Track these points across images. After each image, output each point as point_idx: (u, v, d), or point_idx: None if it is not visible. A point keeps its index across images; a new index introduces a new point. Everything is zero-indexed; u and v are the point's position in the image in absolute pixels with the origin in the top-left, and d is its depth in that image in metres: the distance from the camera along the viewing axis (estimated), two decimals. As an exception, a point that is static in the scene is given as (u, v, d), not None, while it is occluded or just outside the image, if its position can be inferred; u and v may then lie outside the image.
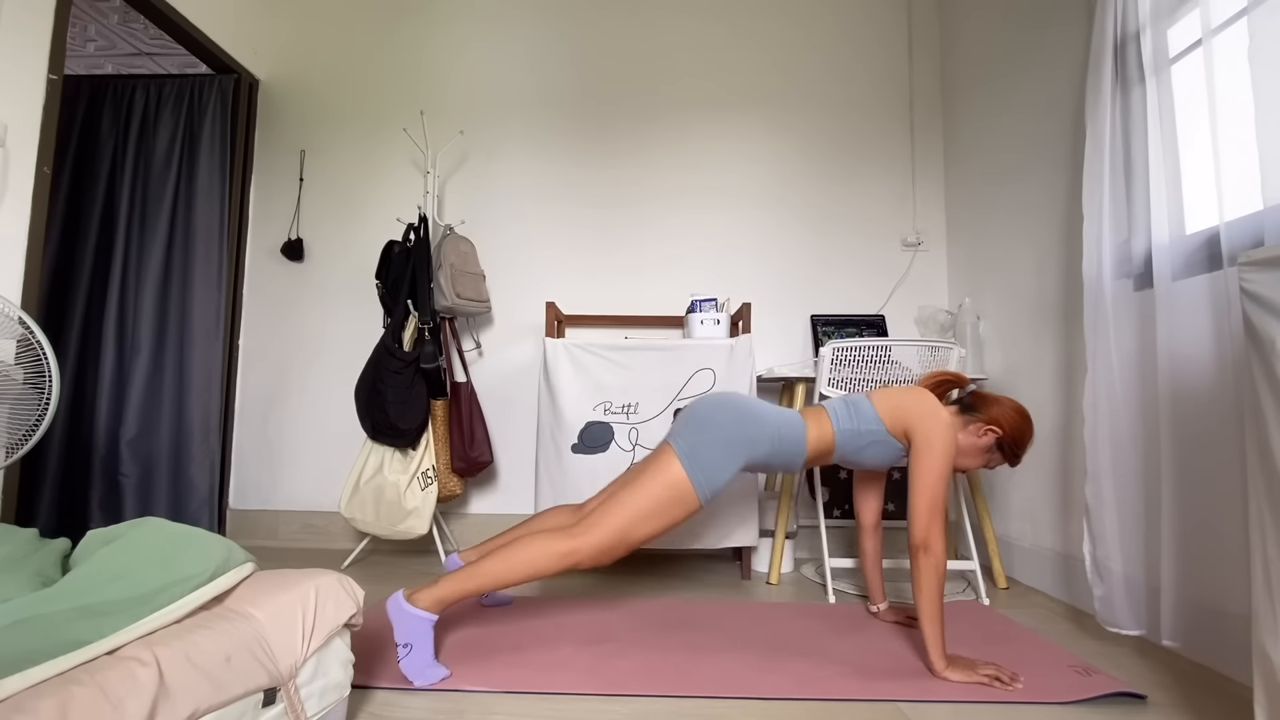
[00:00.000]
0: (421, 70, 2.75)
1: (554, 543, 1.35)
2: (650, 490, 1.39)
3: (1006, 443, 1.47)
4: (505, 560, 1.33)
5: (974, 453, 1.49)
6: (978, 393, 1.55)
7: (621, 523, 1.37)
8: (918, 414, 1.44)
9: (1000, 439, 1.47)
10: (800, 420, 1.52)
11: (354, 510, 2.17)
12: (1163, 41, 1.50)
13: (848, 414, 1.50)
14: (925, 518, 1.34)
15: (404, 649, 1.27)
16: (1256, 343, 0.92)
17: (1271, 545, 0.89)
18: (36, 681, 0.66)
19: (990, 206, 2.34)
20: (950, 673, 1.30)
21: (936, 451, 1.38)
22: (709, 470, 1.41)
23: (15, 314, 1.48)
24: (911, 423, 1.44)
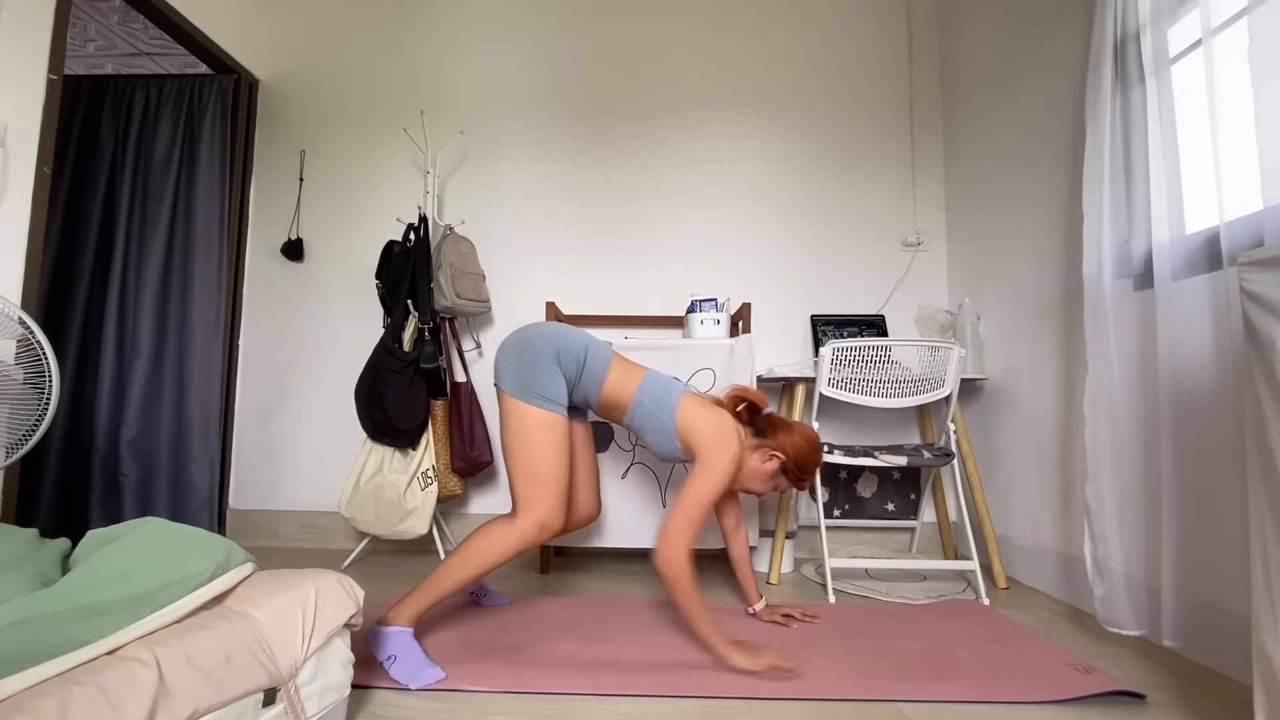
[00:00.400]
0: (421, 70, 2.75)
1: (498, 526, 1.40)
2: (520, 440, 1.43)
3: (790, 468, 1.51)
4: (462, 556, 1.39)
5: (761, 477, 1.53)
6: (771, 417, 1.58)
7: (529, 482, 1.41)
8: (707, 439, 1.45)
9: (784, 464, 1.51)
10: (609, 357, 1.55)
11: (354, 510, 2.17)
12: (1163, 41, 1.50)
13: (657, 390, 1.52)
14: (674, 536, 1.35)
15: (389, 660, 1.29)
16: (1256, 343, 0.92)
17: (1271, 545, 0.89)
18: (36, 681, 0.66)
19: (990, 206, 2.34)
20: (737, 659, 1.32)
21: (714, 476, 1.40)
22: (540, 385, 1.44)
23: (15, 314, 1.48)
24: (696, 442, 1.46)
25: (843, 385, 1.99)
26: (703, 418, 1.48)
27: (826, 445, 2.00)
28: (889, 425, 2.54)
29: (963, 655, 1.44)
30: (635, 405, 1.52)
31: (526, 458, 1.42)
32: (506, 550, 1.39)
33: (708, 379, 2.10)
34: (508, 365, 1.48)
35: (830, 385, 1.99)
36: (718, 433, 1.45)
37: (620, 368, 1.55)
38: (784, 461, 1.50)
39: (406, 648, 1.31)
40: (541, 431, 1.43)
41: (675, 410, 1.49)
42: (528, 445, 1.43)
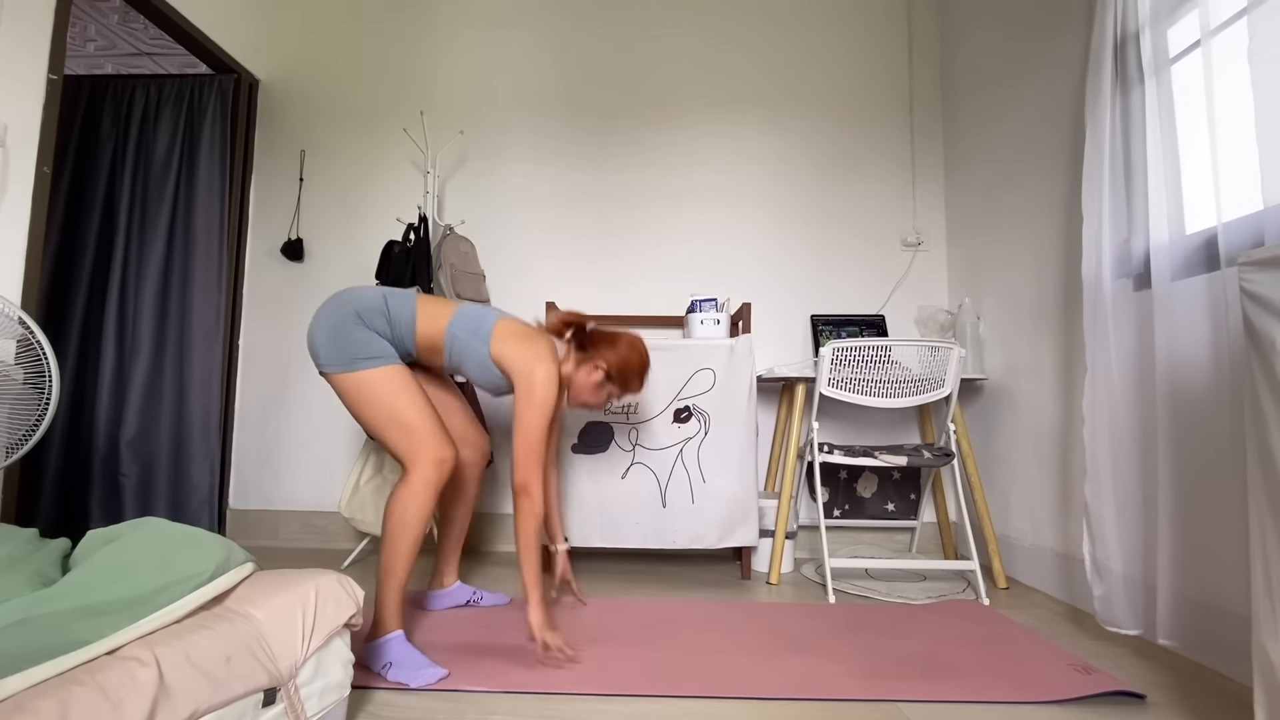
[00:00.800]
0: (421, 70, 2.75)
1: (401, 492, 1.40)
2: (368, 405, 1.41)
3: (614, 374, 1.59)
4: (389, 539, 1.39)
5: (590, 389, 1.61)
6: (594, 332, 1.64)
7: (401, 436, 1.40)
8: (521, 362, 1.46)
9: (606, 372, 1.59)
10: (413, 300, 1.51)
11: (354, 510, 2.17)
12: (1162, 42, 1.50)
13: (471, 322, 1.51)
14: (523, 462, 1.41)
15: (384, 668, 1.29)
16: (1256, 343, 0.92)
17: (1271, 545, 0.89)
18: (36, 681, 0.66)
19: (990, 207, 2.34)
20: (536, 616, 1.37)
21: (535, 401, 1.43)
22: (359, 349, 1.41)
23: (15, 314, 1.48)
24: (511, 366, 1.47)
25: (843, 385, 1.99)
26: (515, 343, 1.49)
27: (826, 445, 2.01)
28: (889, 425, 2.54)
29: (963, 655, 1.44)
30: (450, 339, 1.50)
31: (385, 415, 1.40)
32: (423, 504, 1.38)
33: (708, 379, 2.10)
34: (322, 345, 1.43)
35: (830, 385, 1.99)
36: (530, 354, 1.46)
37: (428, 306, 1.52)
38: (606, 369, 1.58)
39: (401, 653, 1.31)
40: (382, 386, 1.41)
41: (489, 337, 1.49)
42: (380, 405, 1.40)
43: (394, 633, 1.34)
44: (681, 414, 2.10)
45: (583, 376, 1.59)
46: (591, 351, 1.60)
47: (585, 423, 2.09)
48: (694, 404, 2.10)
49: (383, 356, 1.43)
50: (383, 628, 1.35)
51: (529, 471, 1.40)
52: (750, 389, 2.08)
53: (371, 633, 1.36)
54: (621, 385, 1.62)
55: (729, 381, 2.09)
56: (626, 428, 2.10)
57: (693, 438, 2.09)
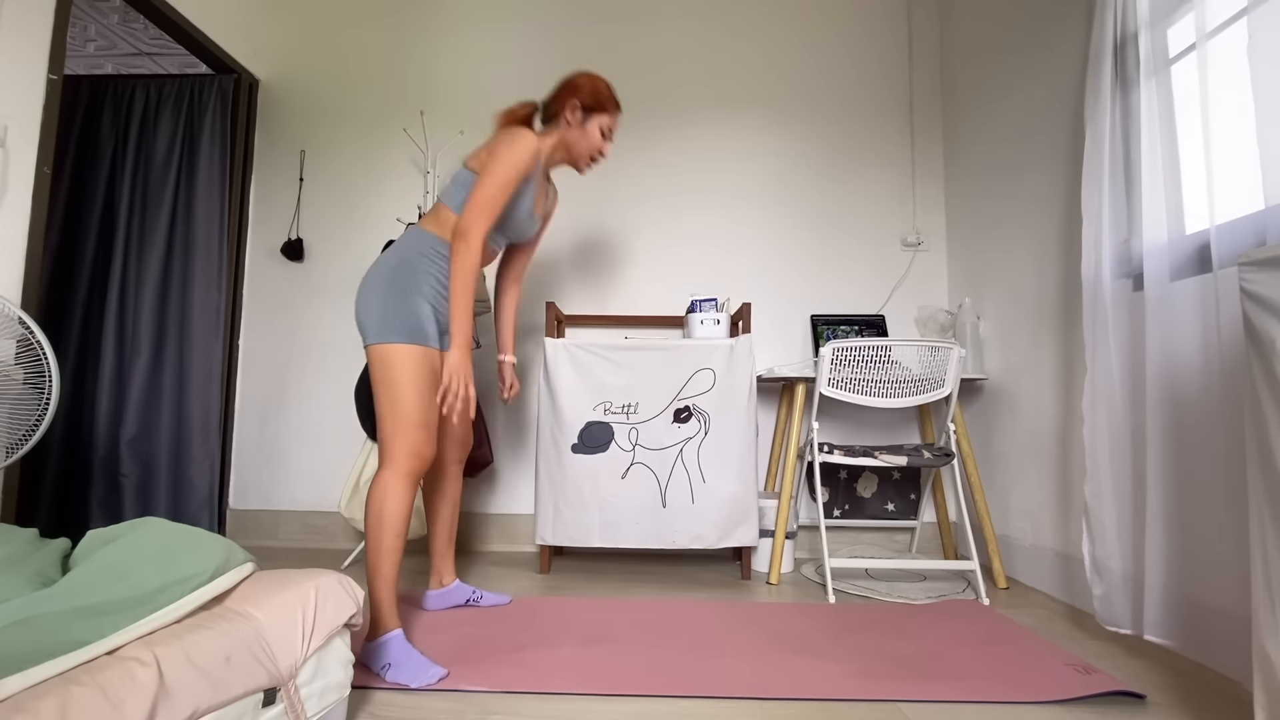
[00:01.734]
0: (421, 70, 2.75)
1: (377, 486, 1.38)
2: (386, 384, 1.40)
3: (589, 103, 1.59)
4: (371, 538, 1.37)
5: (581, 138, 1.61)
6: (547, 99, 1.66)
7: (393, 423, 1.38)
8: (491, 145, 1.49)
9: (583, 105, 1.59)
10: (422, 231, 1.52)
11: (354, 510, 2.17)
12: (1162, 42, 1.50)
13: (455, 190, 1.53)
14: (473, 211, 1.41)
15: (383, 669, 1.28)
16: (1256, 343, 0.92)
17: (1271, 545, 0.89)
18: (36, 681, 0.66)
19: (990, 206, 2.34)
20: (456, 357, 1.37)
21: (498, 157, 1.44)
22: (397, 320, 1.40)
23: (15, 314, 1.48)
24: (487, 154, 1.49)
25: (843, 385, 1.99)
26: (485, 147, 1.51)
27: (826, 445, 2.01)
28: (889, 425, 2.54)
29: (963, 655, 1.44)
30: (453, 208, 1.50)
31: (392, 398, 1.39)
32: (399, 496, 1.37)
33: (708, 379, 2.10)
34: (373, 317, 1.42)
35: (830, 385, 1.99)
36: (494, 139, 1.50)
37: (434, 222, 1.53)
38: (581, 102, 1.58)
39: (400, 653, 1.30)
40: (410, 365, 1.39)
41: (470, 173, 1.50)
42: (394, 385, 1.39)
43: (393, 632, 1.34)
44: (681, 414, 2.10)
45: (569, 132, 1.60)
46: (556, 106, 1.61)
47: (585, 423, 2.09)
48: (694, 404, 2.10)
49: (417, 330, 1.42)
50: (380, 627, 1.34)
51: (475, 219, 1.40)
52: (750, 389, 2.08)
53: (370, 633, 1.35)
54: (603, 108, 1.60)
55: (729, 381, 2.09)
56: (626, 427, 2.10)
57: (693, 438, 2.09)
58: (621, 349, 2.11)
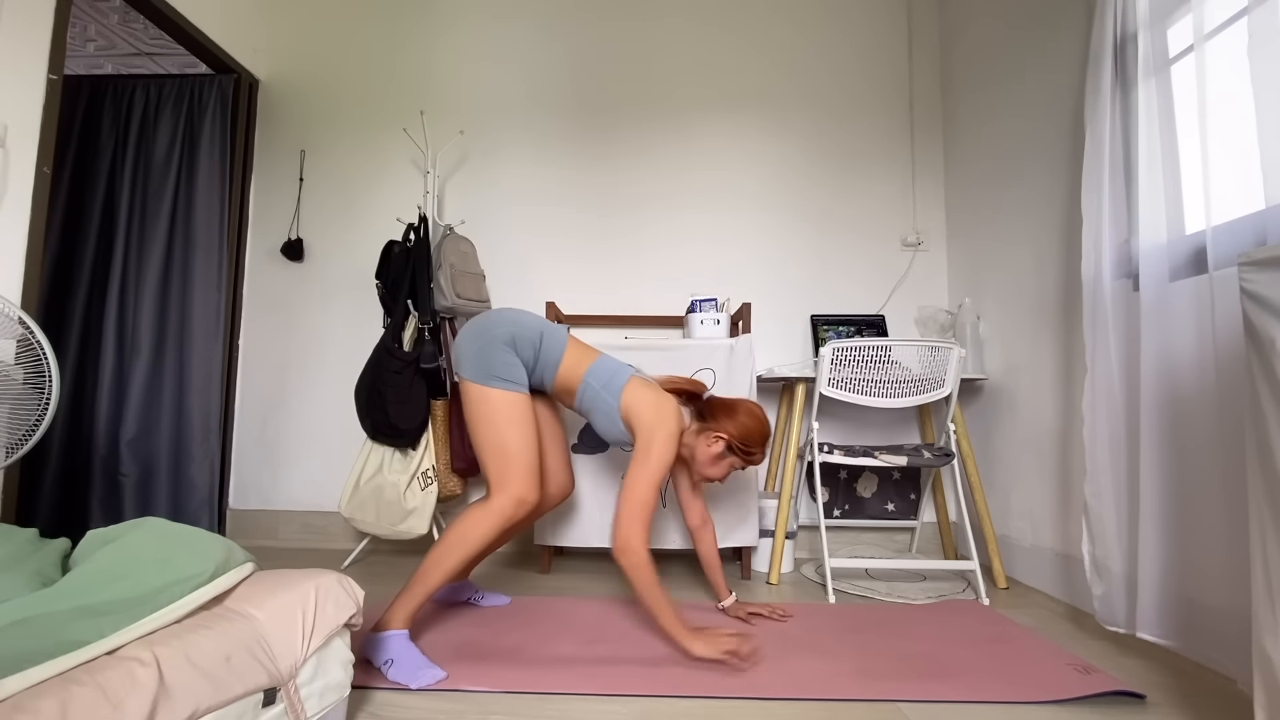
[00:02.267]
0: (421, 70, 2.75)
1: (475, 511, 1.41)
2: (484, 422, 1.44)
3: (735, 445, 1.53)
4: (444, 546, 1.39)
5: (710, 461, 1.55)
6: (710, 400, 1.60)
7: (499, 461, 1.43)
8: (646, 421, 1.46)
9: (728, 443, 1.52)
10: (565, 342, 1.55)
11: (354, 510, 2.17)
12: (1162, 42, 1.50)
13: (606, 374, 1.53)
14: (627, 521, 1.38)
15: (385, 665, 1.29)
16: (1256, 343, 0.92)
17: (1271, 545, 0.89)
18: (36, 681, 0.66)
19: (990, 206, 2.34)
20: (696, 648, 1.33)
21: (652, 460, 1.41)
22: (497, 367, 1.45)
23: (15, 314, 1.48)
24: (636, 424, 1.48)
25: (843, 385, 1.99)
26: (645, 398, 1.49)
27: (826, 445, 2.01)
28: (889, 425, 2.54)
29: (963, 655, 1.44)
30: (584, 387, 1.53)
31: (494, 438, 1.44)
32: (488, 531, 1.40)
33: (708, 379, 2.10)
34: (467, 353, 1.48)
35: (830, 385, 1.99)
36: (656, 412, 1.46)
37: (575, 352, 1.56)
38: (728, 441, 1.52)
39: (403, 651, 1.31)
40: (504, 410, 1.44)
41: (620, 392, 1.50)
42: (493, 426, 1.44)
43: (400, 631, 1.34)
44: (681, 414, 2.10)
45: (703, 447, 1.54)
46: (710, 421, 1.54)
47: (585, 423, 2.09)
48: (694, 404, 2.10)
49: (517, 384, 1.47)
50: (391, 623, 1.34)
51: (631, 530, 1.37)
52: (750, 389, 2.08)
53: (378, 624, 1.35)
54: (744, 456, 1.54)
55: (729, 381, 2.08)
56: (626, 428, 2.10)
57: (693, 438, 2.09)
58: (622, 349, 2.11)
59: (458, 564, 1.40)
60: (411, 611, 1.36)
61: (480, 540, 1.40)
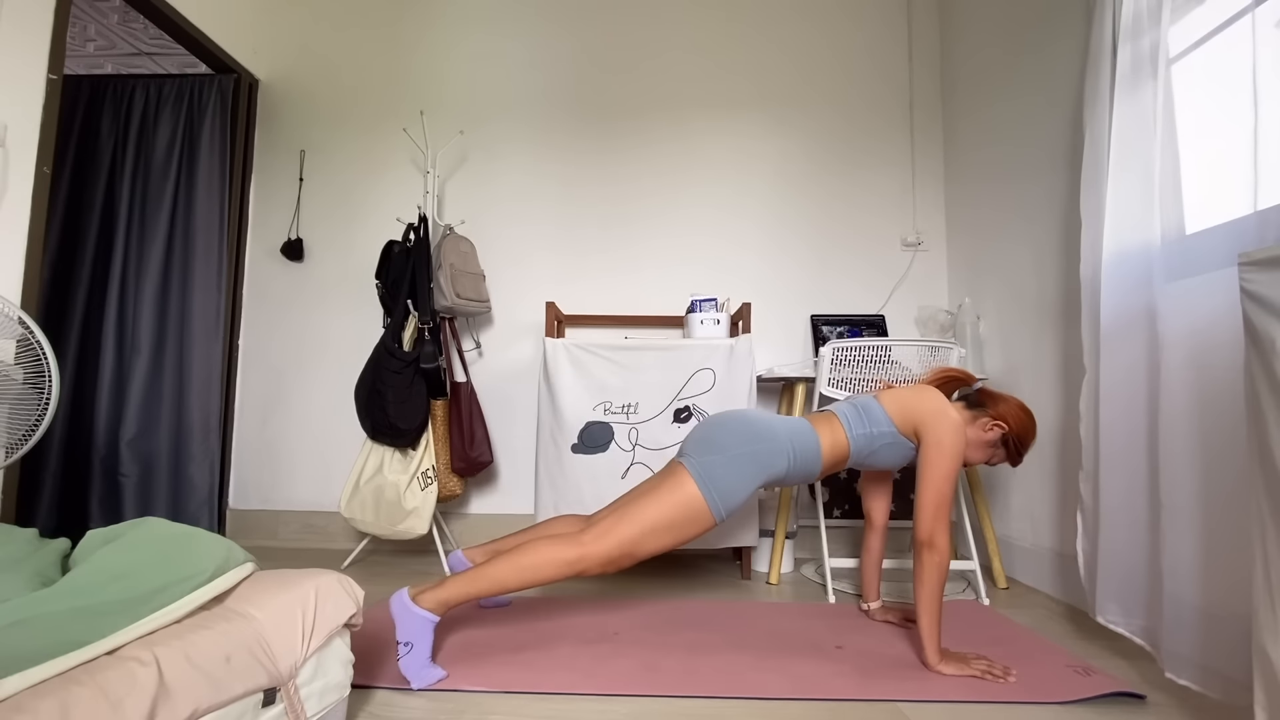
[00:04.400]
0: (421, 70, 2.75)
1: (561, 549, 1.34)
2: (664, 507, 1.38)
3: (1012, 439, 1.50)
4: (512, 564, 1.33)
5: (979, 446, 1.52)
6: (985, 390, 1.58)
7: (633, 535, 1.36)
8: (928, 412, 1.45)
9: (1006, 434, 1.50)
10: (812, 430, 1.50)
11: (354, 510, 2.17)
12: (1162, 42, 1.49)
13: (859, 418, 1.51)
14: (931, 515, 1.36)
15: (404, 647, 1.26)
16: (1256, 343, 0.92)
17: (1271, 545, 0.89)
18: (36, 681, 0.66)
19: (990, 206, 2.34)
20: (944, 667, 1.33)
21: (946, 450, 1.39)
22: (725, 490, 1.40)
23: (15, 314, 1.48)
24: (922, 421, 1.45)
25: (843, 385, 1.99)
26: (913, 400, 1.48)
27: (826, 445, 2.00)
28: (889, 425, 2.54)
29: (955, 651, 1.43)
30: (854, 444, 1.49)
31: (654, 519, 1.37)
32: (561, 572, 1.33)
33: (708, 379, 2.10)
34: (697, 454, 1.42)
35: (830, 385, 1.98)
36: (936, 408, 1.45)
37: (825, 430, 1.50)
38: (1006, 431, 1.49)
39: (424, 641, 1.27)
40: (689, 521, 1.38)
41: (886, 415, 1.48)
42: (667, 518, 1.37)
43: (435, 616, 1.29)
44: (681, 414, 2.10)
45: (976, 432, 1.51)
46: (989, 408, 1.52)
47: (585, 423, 2.09)
48: (694, 404, 2.10)
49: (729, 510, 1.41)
50: (430, 602, 1.29)
51: (937, 523, 1.35)
52: (750, 389, 2.07)
53: (422, 596, 1.29)
54: (1015, 452, 1.52)
55: (729, 381, 2.08)
56: (626, 427, 2.10)
57: (693, 438, 2.09)
58: (621, 349, 2.11)
59: (518, 587, 1.33)
60: (452, 603, 1.31)
61: (549, 578, 1.33)
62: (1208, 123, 1.32)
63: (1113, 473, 1.49)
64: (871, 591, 1.73)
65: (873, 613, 1.71)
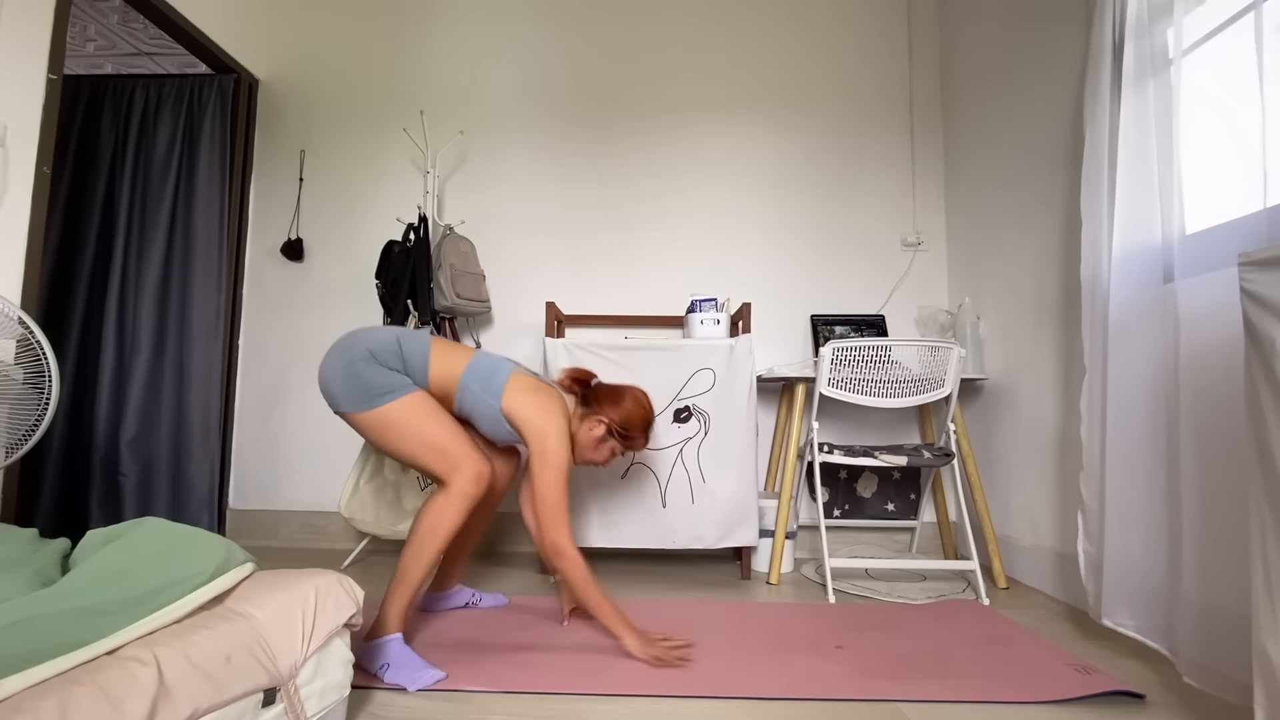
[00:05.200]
0: (421, 70, 2.74)
1: (438, 500, 1.39)
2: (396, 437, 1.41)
3: (615, 429, 1.56)
4: (416, 542, 1.38)
5: (590, 445, 1.57)
6: (598, 387, 1.62)
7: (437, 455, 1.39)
8: (530, 416, 1.45)
9: (609, 427, 1.55)
10: (426, 344, 1.49)
11: (354, 510, 2.17)
12: (1162, 42, 1.50)
13: (483, 375, 1.49)
14: (549, 527, 1.40)
15: (381, 669, 1.28)
16: (1256, 343, 0.92)
17: (1271, 545, 0.89)
18: (36, 681, 0.66)
19: (990, 206, 2.34)
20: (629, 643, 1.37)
21: (550, 460, 1.42)
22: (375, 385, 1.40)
23: (15, 314, 1.48)
24: (521, 424, 1.46)
25: (843, 385, 1.99)
26: (526, 399, 1.47)
27: (826, 445, 2.01)
28: (889, 425, 2.54)
29: (963, 655, 1.44)
30: (462, 390, 1.48)
31: (417, 444, 1.40)
32: (455, 517, 1.38)
33: (707, 379, 2.10)
34: (335, 387, 1.43)
35: (830, 385, 1.99)
36: (541, 411, 1.46)
37: (442, 351, 1.50)
38: (608, 424, 1.55)
39: (399, 655, 1.30)
40: (408, 416, 1.40)
41: (501, 392, 1.47)
42: (407, 436, 1.40)
43: (394, 635, 1.34)
44: (681, 414, 2.10)
45: (584, 433, 1.56)
46: (594, 406, 1.58)
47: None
48: (694, 404, 2.10)
49: (400, 388, 1.42)
50: (383, 629, 1.34)
51: (558, 533, 1.39)
52: (750, 389, 2.08)
53: (371, 632, 1.35)
54: (624, 441, 1.58)
55: (729, 381, 2.08)
56: (626, 428, 2.10)
57: (692, 438, 2.09)
58: (621, 349, 2.11)
59: (435, 555, 1.38)
60: (402, 612, 1.36)
61: (450, 527, 1.38)
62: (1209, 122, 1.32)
63: (1118, 473, 1.49)
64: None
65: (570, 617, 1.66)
